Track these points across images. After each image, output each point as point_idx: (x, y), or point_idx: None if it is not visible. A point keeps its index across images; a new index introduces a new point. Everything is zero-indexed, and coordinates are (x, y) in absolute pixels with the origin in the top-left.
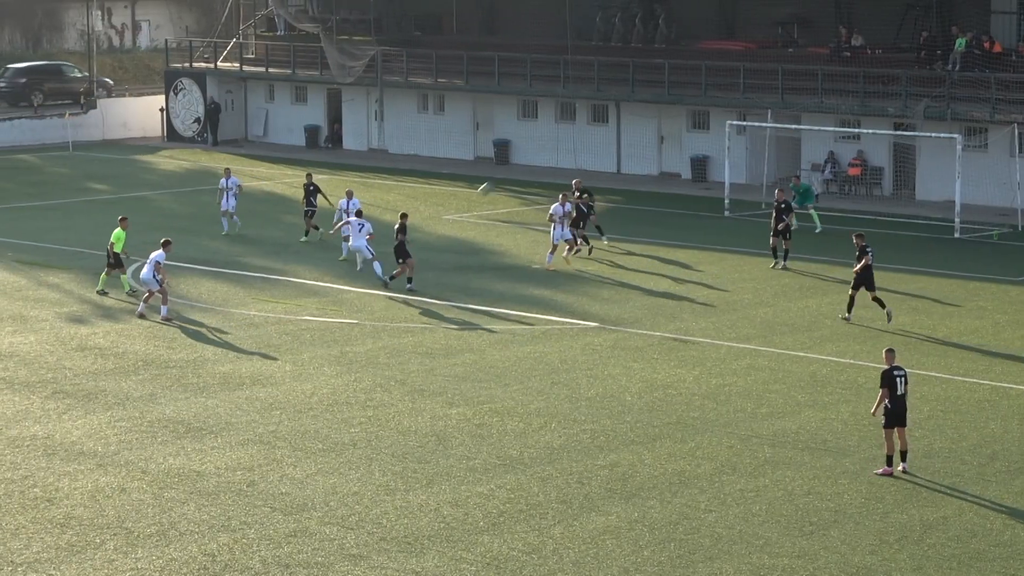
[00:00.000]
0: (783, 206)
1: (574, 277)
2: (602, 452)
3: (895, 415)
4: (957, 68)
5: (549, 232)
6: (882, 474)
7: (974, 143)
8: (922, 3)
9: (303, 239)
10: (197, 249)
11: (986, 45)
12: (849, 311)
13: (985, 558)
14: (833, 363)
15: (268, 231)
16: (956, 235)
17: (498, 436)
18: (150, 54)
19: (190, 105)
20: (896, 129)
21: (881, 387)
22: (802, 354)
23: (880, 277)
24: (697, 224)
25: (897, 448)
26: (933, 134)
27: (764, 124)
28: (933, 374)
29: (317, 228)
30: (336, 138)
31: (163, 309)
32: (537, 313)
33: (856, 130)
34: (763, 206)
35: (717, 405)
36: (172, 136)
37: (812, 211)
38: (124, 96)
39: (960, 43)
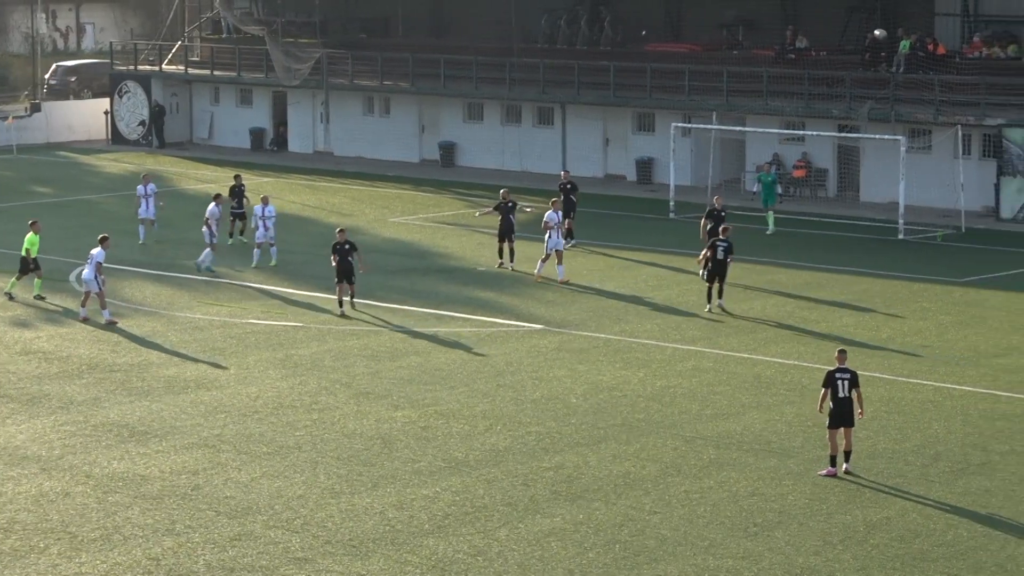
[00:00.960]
0: (722, 214)
1: (519, 280)
2: (547, 454)
3: (839, 416)
4: (901, 70)
5: (494, 236)
6: (825, 475)
7: (918, 145)
8: (866, 5)
9: (230, 241)
10: (142, 252)
11: (930, 47)
12: (709, 300)
13: (928, 558)
14: (777, 364)
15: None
16: (900, 236)
17: (443, 438)
18: (95, 57)
19: (135, 108)
20: (840, 131)
21: (823, 387)
22: (747, 356)
23: (825, 278)
24: (642, 226)
25: (841, 448)
26: (877, 136)
27: (709, 126)
28: (877, 375)
29: (241, 232)
30: (281, 140)
31: (105, 313)
32: (482, 315)
33: (801, 132)
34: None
35: (662, 407)
36: (117, 139)
37: (770, 212)
38: (68, 99)
39: (904, 45)
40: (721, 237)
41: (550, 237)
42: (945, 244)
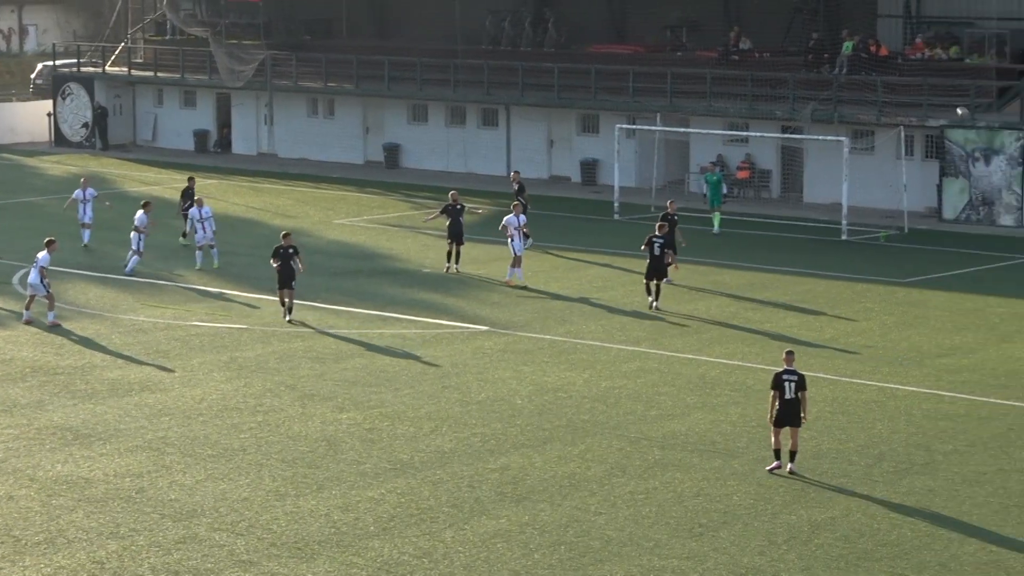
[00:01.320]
0: (675, 217)
1: (464, 282)
2: (493, 456)
3: (785, 416)
4: (844, 71)
5: (440, 238)
6: (772, 470)
7: (861, 146)
8: (809, 7)
9: (182, 240)
10: (84, 255)
11: (872, 48)
12: (649, 294)
13: (872, 558)
14: (722, 365)
15: (156, 236)
16: (843, 237)
17: (389, 440)
18: (38, 58)
19: (78, 110)
20: (784, 132)
21: (771, 388)
22: (691, 356)
23: (769, 279)
24: (587, 227)
25: (786, 448)
26: (820, 137)
27: (653, 127)
28: (821, 375)
29: (184, 235)
30: (225, 142)
31: (50, 315)
32: (427, 317)
33: (744, 133)
34: (652, 208)
35: (607, 408)
36: (60, 141)
37: (716, 213)
38: (11, 101)
39: (847, 46)
40: (657, 234)
41: (513, 240)
42: (888, 245)
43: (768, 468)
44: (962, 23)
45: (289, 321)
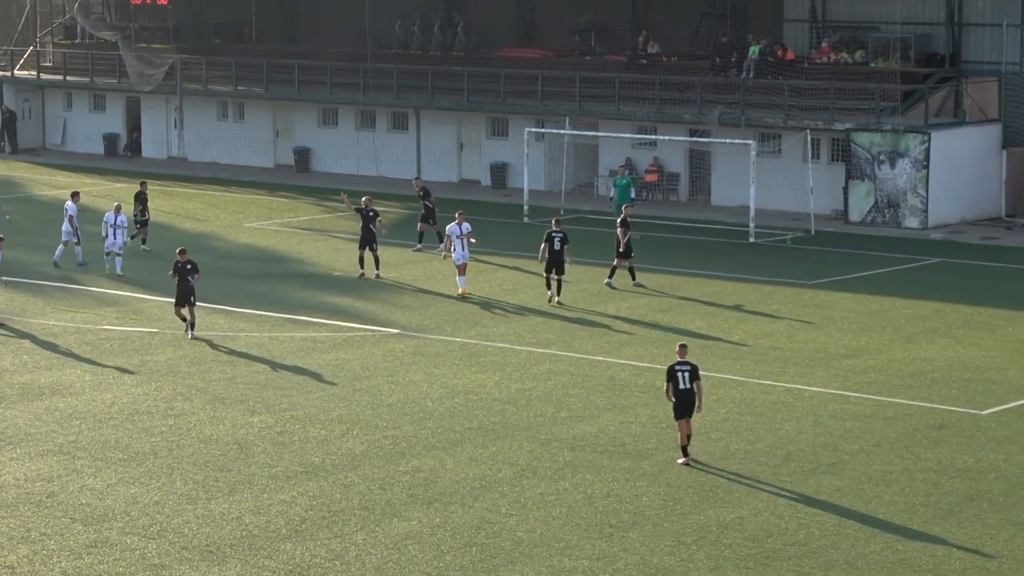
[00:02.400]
0: (627, 220)
1: (375, 285)
2: (404, 458)
3: (681, 407)
4: (751, 75)
5: (350, 240)
6: (684, 462)
7: (768, 149)
8: (716, 11)
9: (144, 247)
10: None
11: (779, 52)
12: (549, 288)
13: (780, 557)
14: (631, 367)
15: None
16: (751, 240)
17: (300, 443)
18: None
19: None
20: (692, 135)
21: (666, 380)
22: (601, 358)
23: (678, 281)
24: (497, 230)
25: (683, 436)
26: (728, 140)
27: (562, 131)
28: (729, 376)
29: (138, 237)
30: (135, 146)
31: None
32: (338, 320)
33: (652, 136)
34: (561, 211)
35: (517, 410)
36: None
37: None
38: None
39: (754, 50)
40: (556, 229)
41: (454, 250)
42: (795, 247)
43: (679, 461)
44: (867, 27)
45: (193, 337)
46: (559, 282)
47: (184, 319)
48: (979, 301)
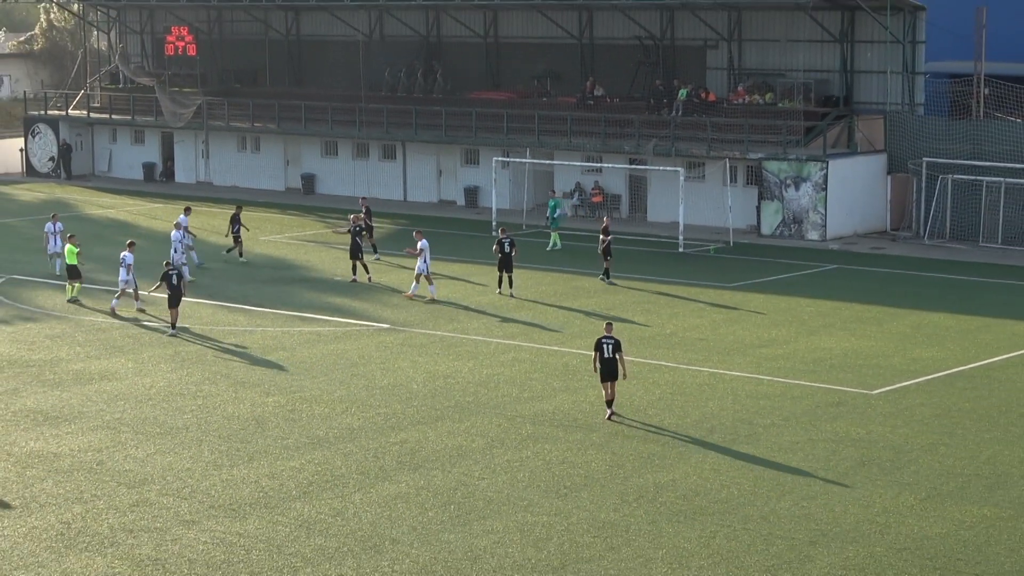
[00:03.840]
0: (607, 228)
1: (369, 288)
2: (394, 431)
3: (605, 372)
4: (680, 114)
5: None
6: (609, 418)
7: (694, 175)
8: (651, 60)
9: (241, 260)
10: (52, 267)
11: (703, 95)
12: (500, 284)
13: (707, 512)
14: (583, 355)
15: (111, 250)
16: (680, 250)
17: (307, 419)
18: (11, 103)
19: (45, 146)
20: (631, 163)
21: (594, 351)
22: (557, 348)
23: (620, 285)
24: (470, 243)
25: (606, 398)
26: (661, 167)
27: (524, 160)
28: (662, 363)
29: (236, 251)
30: (169, 173)
31: (138, 303)
32: (338, 317)
33: (598, 164)
34: (524, 226)
35: (488, 391)
36: (31, 172)
37: (554, 233)
38: None
39: (682, 93)
40: (504, 236)
41: (419, 261)
42: (717, 256)
43: (607, 417)
44: (775, 74)
45: (174, 334)
46: (510, 279)
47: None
48: (869, 300)
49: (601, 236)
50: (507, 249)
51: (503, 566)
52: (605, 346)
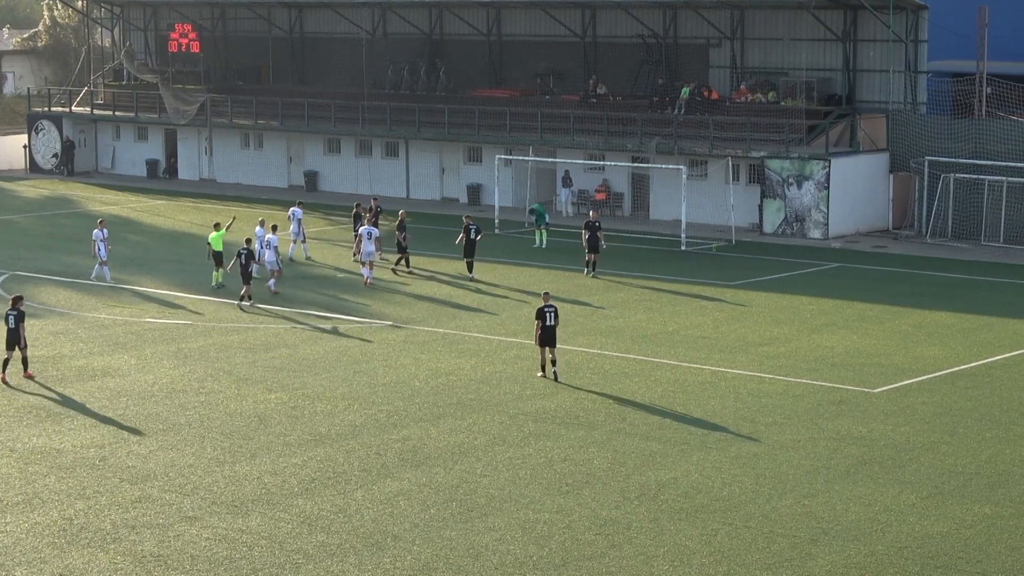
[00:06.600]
0: (597, 225)
1: (372, 285)
2: (396, 428)
3: (544, 337)
4: (682, 112)
5: (353, 251)
6: (541, 376)
7: (696, 173)
8: (654, 59)
9: (398, 271)
10: (55, 263)
11: (705, 93)
12: (469, 271)
13: (708, 510)
14: (584, 353)
15: (115, 248)
16: (682, 248)
17: (310, 416)
18: (15, 100)
19: (49, 143)
20: (633, 162)
21: (536, 319)
22: (559, 346)
23: (622, 282)
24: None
25: (549, 360)
26: (663, 166)
27: (526, 158)
28: (665, 361)
29: (407, 267)
30: (172, 170)
31: (271, 283)
32: (341, 315)
33: (601, 163)
34: (526, 224)
35: (490, 388)
36: (34, 168)
37: (542, 231)
38: None
39: (685, 91)
40: (470, 222)
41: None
42: (719, 254)
43: (538, 375)
44: (778, 73)
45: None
46: (471, 264)
47: None
48: (871, 299)
49: (586, 229)
50: (473, 235)
51: (505, 563)
52: (548, 313)
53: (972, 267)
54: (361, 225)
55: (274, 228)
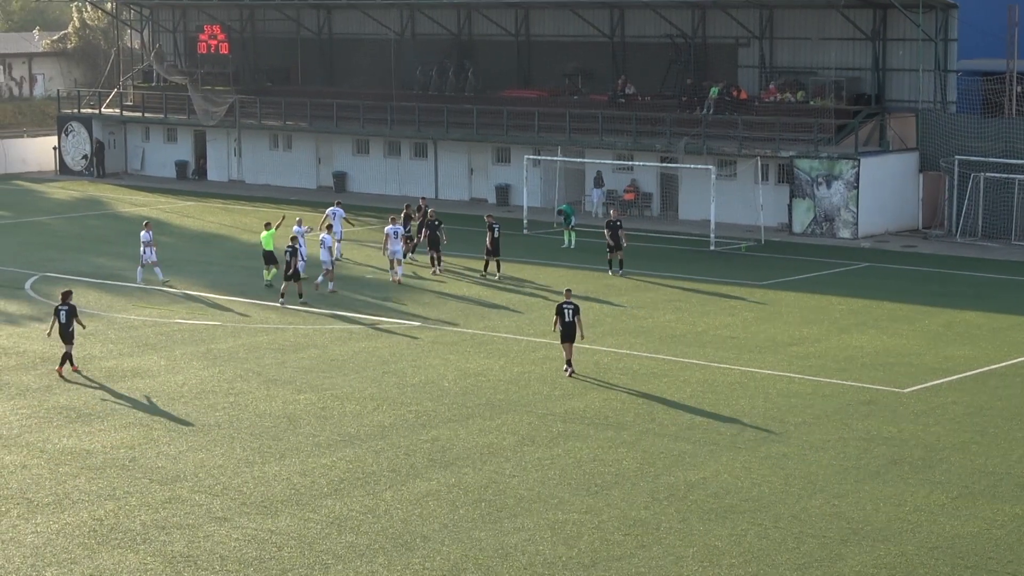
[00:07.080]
0: (617, 223)
1: (402, 285)
2: (425, 429)
3: (565, 334)
4: (711, 112)
5: (382, 249)
6: (567, 372)
7: (725, 173)
8: (682, 58)
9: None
10: (85, 265)
11: (735, 93)
12: (485, 269)
13: (737, 511)
14: (613, 353)
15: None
16: (712, 248)
17: (339, 417)
18: (44, 102)
19: (79, 144)
20: (662, 162)
21: (555, 315)
22: (588, 346)
23: (651, 282)
24: (501, 240)
25: (566, 357)
26: (692, 166)
27: (555, 158)
28: (694, 361)
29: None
30: (202, 171)
31: (331, 285)
32: (370, 314)
33: (630, 163)
34: (555, 225)
35: (519, 389)
36: (64, 170)
37: (570, 231)
38: (23, 137)
39: (713, 91)
40: (493, 221)
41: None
42: (748, 254)
43: (568, 374)
44: (807, 72)
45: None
46: (498, 262)
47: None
48: (900, 298)
49: (611, 231)
50: (496, 234)
51: (534, 563)
52: (566, 310)
53: (1002, 266)
54: (409, 226)
55: (329, 228)
